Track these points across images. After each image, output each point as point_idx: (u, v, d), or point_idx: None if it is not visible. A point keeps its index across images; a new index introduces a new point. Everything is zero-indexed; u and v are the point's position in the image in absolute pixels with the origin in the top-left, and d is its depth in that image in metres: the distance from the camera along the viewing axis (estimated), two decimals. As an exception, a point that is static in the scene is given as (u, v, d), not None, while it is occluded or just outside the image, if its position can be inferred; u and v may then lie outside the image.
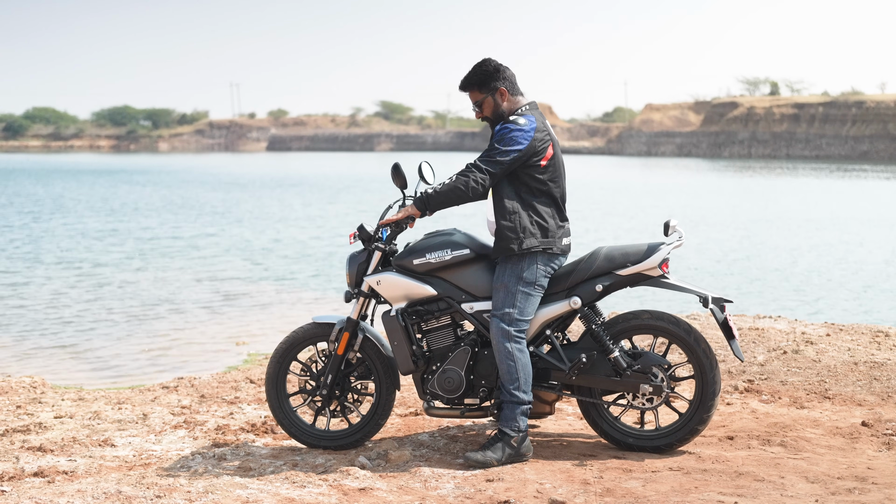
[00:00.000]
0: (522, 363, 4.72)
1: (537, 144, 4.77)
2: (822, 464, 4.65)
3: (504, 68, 4.89)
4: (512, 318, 4.73)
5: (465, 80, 4.92)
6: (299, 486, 4.38)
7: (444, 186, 4.79)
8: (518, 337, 4.73)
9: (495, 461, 4.67)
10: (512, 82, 4.90)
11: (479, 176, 4.74)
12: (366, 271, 5.01)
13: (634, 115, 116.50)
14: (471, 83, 4.90)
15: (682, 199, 35.85)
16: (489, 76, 4.86)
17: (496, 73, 4.86)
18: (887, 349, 7.06)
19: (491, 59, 4.92)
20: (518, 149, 4.73)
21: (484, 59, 4.92)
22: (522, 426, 4.71)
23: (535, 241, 4.76)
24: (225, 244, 21.25)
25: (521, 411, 4.72)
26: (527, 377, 4.72)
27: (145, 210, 31.04)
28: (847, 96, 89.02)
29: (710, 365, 4.81)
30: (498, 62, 4.90)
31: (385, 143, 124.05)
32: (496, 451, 4.68)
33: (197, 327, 11.45)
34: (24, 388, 6.83)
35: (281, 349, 5.11)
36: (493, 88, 4.86)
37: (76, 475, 4.70)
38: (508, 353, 4.71)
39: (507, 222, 4.76)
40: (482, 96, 4.88)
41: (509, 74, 4.90)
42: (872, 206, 32.41)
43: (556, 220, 4.85)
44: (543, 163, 4.79)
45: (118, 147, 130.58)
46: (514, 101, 4.89)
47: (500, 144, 4.74)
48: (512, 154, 4.73)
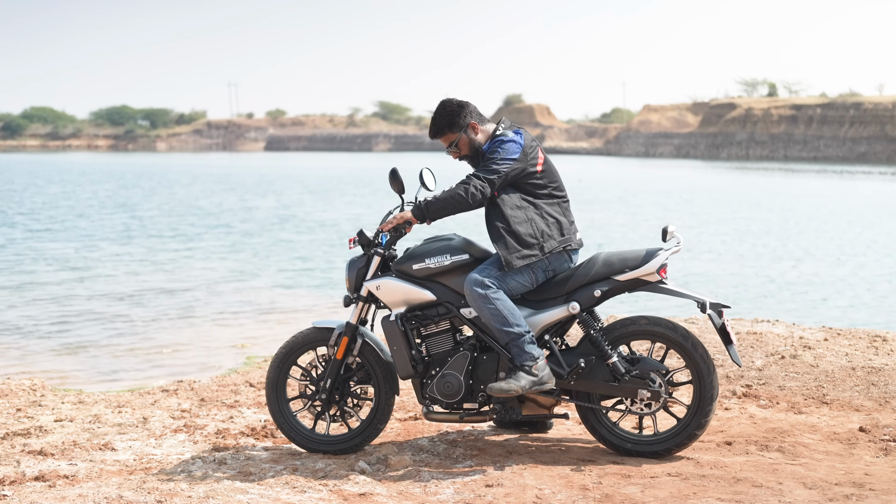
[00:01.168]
0: (501, 302, 4.73)
1: (529, 152, 4.87)
2: (820, 469, 4.67)
3: (465, 103, 4.99)
4: (490, 274, 4.79)
5: (433, 127, 5.01)
6: (299, 491, 4.40)
7: (443, 194, 4.84)
8: (490, 284, 4.75)
9: (519, 388, 4.67)
10: (478, 114, 5.01)
11: (478, 183, 4.80)
12: (365, 276, 5.04)
13: (632, 115, 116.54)
14: (440, 127, 4.99)
15: (681, 201, 35.88)
16: (455, 115, 4.96)
17: (461, 111, 4.96)
18: (885, 354, 7.08)
19: (450, 98, 5.02)
20: (514, 157, 4.83)
21: (442, 101, 5.01)
22: (536, 353, 4.72)
23: (555, 242, 4.85)
24: (225, 244, 21.26)
25: (526, 340, 4.72)
26: (512, 311, 4.73)
27: (145, 210, 31.03)
28: (845, 98, 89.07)
29: (708, 370, 4.83)
30: (458, 99, 5.00)
31: (383, 143, 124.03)
32: (519, 379, 4.69)
33: (197, 330, 11.46)
34: (24, 391, 6.84)
35: (281, 353, 5.13)
36: (464, 125, 4.96)
37: (77, 479, 4.71)
38: (484, 297, 4.73)
39: (524, 229, 4.82)
40: (455, 136, 4.98)
41: (472, 108, 5.01)
42: (872, 207, 32.45)
43: (567, 219, 4.95)
44: (539, 168, 4.88)
45: (116, 147, 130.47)
46: (486, 129, 5.01)
47: (495, 156, 4.83)
48: (508, 162, 4.82)
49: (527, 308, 4.89)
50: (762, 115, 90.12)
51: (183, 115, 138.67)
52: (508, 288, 4.82)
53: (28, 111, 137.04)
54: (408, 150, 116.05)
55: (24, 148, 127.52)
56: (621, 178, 54.11)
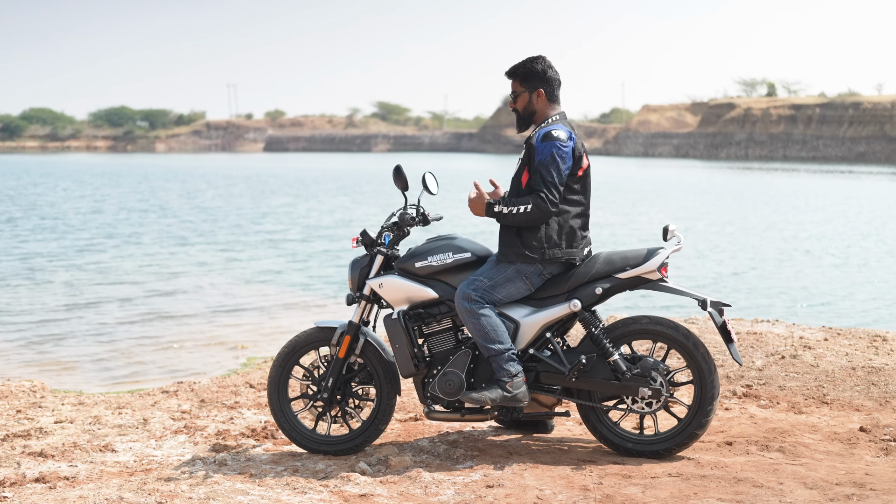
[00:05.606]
0: (486, 318, 4.75)
1: (577, 157, 4.83)
2: (821, 469, 4.67)
3: (552, 73, 4.93)
4: (479, 286, 4.80)
5: (512, 67, 4.96)
6: (300, 493, 4.40)
7: (518, 213, 4.78)
8: (477, 299, 4.76)
9: (489, 401, 4.76)
10: (553, 88, 4.93)
11: (546, 206, 4.74)
12: (368, 275, 5.06)
13: (631, 116, 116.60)
14: (516, 73, 4.96)
15: (680, 201, 35.89)
16: (534, 75, 4.91)
17: (542, 75, 4.91)
18: (885, 354, 7.08)
19: (545, 58, 4.95)
20: (569, 164, 4.79)
21: (538, 55, 4.96)
22: (514, 370, 4.76)
23: (559, 252, 4.83)
24: (224, 246, 21.26)
25: (506, 358, 4.76)
26: (495, 328, 4.75)
27: (144, 211, 31.03)
28: (844, 97, 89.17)
29: (709, 369, 4.83)
30: (549, 64, 4.94)
31: (382, 143, 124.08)
32: (492, 392, 4.76)
33: (197, 331, 11.45)
34: (24, 393, 6.84)
35: (283, 353, 5.13)
36: (533, 87, 4.91)
37: (77, 481, 4.71)
38: (469, 312, 4.76)
39: (531, 234, 4.81)
40: (521, 90, 4.94)
41: (555, 81, 4.94)
42: (871, 208, 32.46)
43: (582, 231, 4.91)
44: (580, 173, 4.87)
45: (115, 147, 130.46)
46: (548, 106, 4.94)
47: (552, 168, 4.75)
48: (566, 173, 4.79)
49: (528, 306, 4.90)
50: (761, 115, 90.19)
51: (182, 116, 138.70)
52: (502, 296, 4.83)
53: (27, 112, 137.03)
54: (407, 150, 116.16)
55: (23, 149, 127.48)
56: (621, 177, 54.15)
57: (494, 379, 4.80)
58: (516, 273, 4.83)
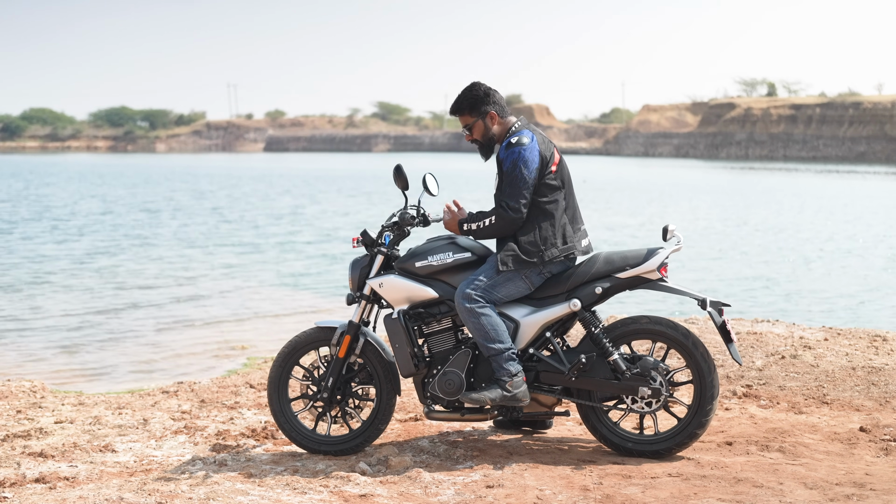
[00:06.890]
0: (486, 318, 4.76)
1: (546, 155, 4.85)
2: (821, 469, 4.67)
3: (493, 92, 4.98)
4: (480, 285, 4.81)
5: (455, 104, 5.02)
6: (300, 493, 4.40)
7: (485, 227, 4.86)
8: (477, 298, 4.78)
9: (489, 401, 4.78)
10: (501, 105, 5.00)
11: (509, 216, 4.80)
12: (368, 275, 5.06)
13: (632, 116, 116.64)
14: (461, 107, 4.99)
15: (680, 202, 35.89)
16: (479, 100, 4.96)
17: (486, 98, 4.96)
18: (885, 354, 7.08)
19: (480, 83, 5.01)
20: (535, 167, 4.81)
21: (473, 83, 5.01)
22: (514, 370, 4.78)
23: (557, 251, 4.85)
24: (224, 246, 21.25)
25: (506, 357, 4.78)
26: (495, 327, 4.77)
27: (144, 212, 31.03)
28: (844, 97, 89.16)
29: (709, 369, 4.84)
30: (487, 86, 4.99)
31: (382, 143, 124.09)
32: (492, 391, 4.78)
33: (197, 331, 11.45)
34: (24, 393, 6.84)
35: (284, 353, 5.13)
36: (483, 112, 4.95)
37: (77, 481, 4.71)
38: (470, 311, 4.77)
39: (526, 237, 4.83)
40: (472, 120, 4.98)
41: (498, 98, 5.00)
42: (871, 208, 32.45)
43: (575, 224, 4.94)
44: (553, 169, 4.88)
45: (115, 148, 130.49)
46: (504, 122, 5.00)
47: (517, 176, 4.78)
48: (532, 176, 4.80)
49: (528, 305, 4.91)
50: (761, 115, 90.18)
51: (182, 116, 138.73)
52: (502, 295, 4.84)
53: (27, 112, 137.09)
54: (407, 150, 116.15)
55: (24, 149, 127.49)
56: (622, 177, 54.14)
57: (494, 378, 4.81)
58: (516, 272, 4.84)
